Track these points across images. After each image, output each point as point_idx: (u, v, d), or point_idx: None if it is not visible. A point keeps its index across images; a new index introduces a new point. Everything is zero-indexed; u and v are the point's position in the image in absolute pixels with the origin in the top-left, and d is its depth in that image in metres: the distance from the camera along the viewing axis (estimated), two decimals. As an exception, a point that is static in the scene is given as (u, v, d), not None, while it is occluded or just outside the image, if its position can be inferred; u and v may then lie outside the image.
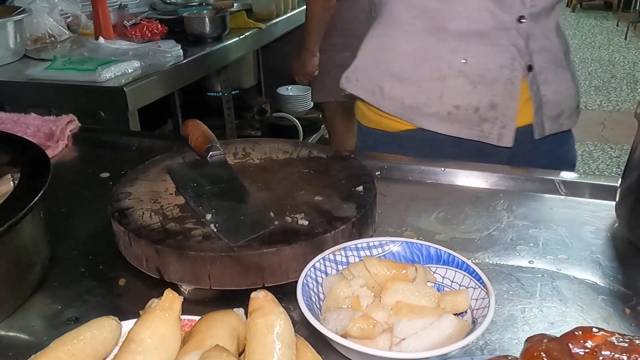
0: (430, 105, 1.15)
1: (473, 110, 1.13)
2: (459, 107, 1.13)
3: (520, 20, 1.10)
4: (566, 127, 1.25)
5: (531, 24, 1.12)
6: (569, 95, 1.23)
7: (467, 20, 1.09)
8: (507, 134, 1.14)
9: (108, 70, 1.84)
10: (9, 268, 0.72)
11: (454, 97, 1.13)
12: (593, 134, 4.49)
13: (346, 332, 0.62)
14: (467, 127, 1.15)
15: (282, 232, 0.79)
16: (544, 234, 0.91)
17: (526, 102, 1.18)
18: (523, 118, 1.18)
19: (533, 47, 1.13)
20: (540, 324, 0.73)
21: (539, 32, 1.14)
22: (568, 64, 1.25)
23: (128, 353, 0.49)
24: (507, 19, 1.09)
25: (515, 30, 1.10)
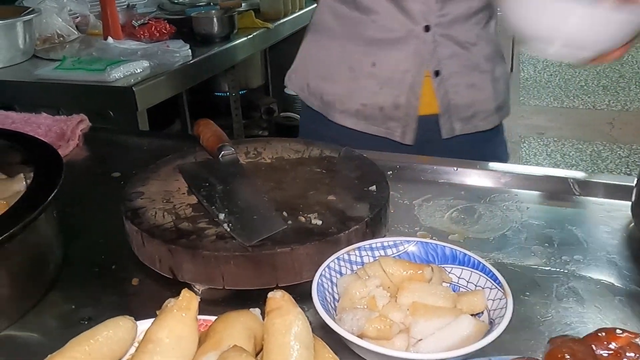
0: (343, 102, 1.26)
1: (378, 108, 1.24)
2: (367, 105, 1.25)
3: (426, 29, 1.18)
4: (482, 128, 1.30)
5: (440, 32, 1.19)
6: (485, 99, 1.27)
7: (379, 28, 1.20)
8: (409, 133, 1.24)
9: (117, 70, 1.84)
10: (23, 267, 0.72)
11: (362, 96, 1.24)
12: (602, 134, 4.46)
13: (362, 332, 0.62)
14: (374, 124, 1.26)
15: (296, 231, 0.79)
16: (558, 234, 0.91)
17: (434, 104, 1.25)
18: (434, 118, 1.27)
19: (442, 54, 1.21)
20: (557, 325, 0.72)
21: (451, 39, 1.20)
22: (493, 67, 1.28)
23: (146, 353, 0.49)
24: (415, 28, 1.18)
25: (421, 39, 1.19)
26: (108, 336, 0.54)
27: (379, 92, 1.23)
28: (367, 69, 1.22)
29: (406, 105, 1.23)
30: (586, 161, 4.04)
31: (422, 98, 1.23)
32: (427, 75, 1.22)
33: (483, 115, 1.28)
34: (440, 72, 1.22)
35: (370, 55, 1.21)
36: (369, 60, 1.22)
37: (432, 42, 1.19)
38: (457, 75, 1.23)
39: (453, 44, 1.21)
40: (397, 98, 1.22)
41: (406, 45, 1.19)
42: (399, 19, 1.18)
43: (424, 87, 1.23)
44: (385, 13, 1.18)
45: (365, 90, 1.24)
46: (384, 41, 1.20)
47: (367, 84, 1.23)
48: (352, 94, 1.25)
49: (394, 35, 1.19)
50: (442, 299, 0.66)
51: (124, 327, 0.56)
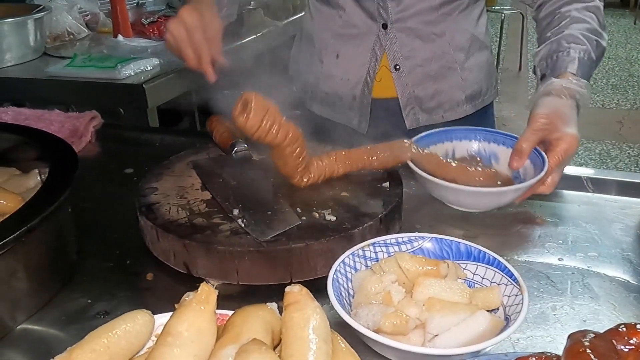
0: (313, 89, 1.34)
1: (339, 98, 1.30)
2: (329, 94, 1.31)
3: (384, 27, 1.21)
4: (450, 118, 1.30)
5: (400, 27, 1.21)
6: (450, 89, 1.27)
7: (344, 24, 1.25)
8: (363, 122, 1.29)
9: (127, 68, 1.84)
10: (39, 262, 0.73)
11: (326, 85, 1.31)
12: (611, 133, 4.44)
13: (378, 327, 0.62)
14: (336, 112, 1.32)
15: (310, 227, 0.79)
16: (572, 231, 0.90)
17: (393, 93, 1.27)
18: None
19: (402, 48, 1.23)
20: (572, 321, 0.72)
21: (412, 33, 1.22)
22: (465, 56, 1.27)
23: (165, 346, 0.49)
24: (373, 25, 1.22)
25: (379, 35, 1.22)
26: (126, 330, 0.54)
27: (339, 83, 1.29)
28: (333, 60, 1.29)
29: (361, 97, 1.27)
30: (595, 160, 4.02)
31: (380, 84, 1.26)
32: (387, 67, 1.25)
33: (449, 105, 1.29)
34: (399, 67, 1.24)
35: (336, 47, 1.28)
36: (334, 52, 1.28)
37: (391, 38, 1.21)
38: (418, 68, 1.24)
39: (414, 37, 1.22)
40: (353, 90, 1.27)
41: (365, 41, 1.23)
42: (360, 16, 1.23)
43: (385, 78, 1.26)
44: (350, 10, 1.23)
45: (329, 80, 1.30)
46: (347, 36, 1.25)
47: (331, 74, 1.29)
48: (319, 83, 1.31)
49: (356, 31, 1.24)
50: (458, 295, 0.66)
51: (141, 321, 0.56)
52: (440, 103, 1.28)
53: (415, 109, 1.27)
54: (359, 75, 1.26)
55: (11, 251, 0.65)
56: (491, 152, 1.03)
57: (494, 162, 1.02)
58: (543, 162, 0.91)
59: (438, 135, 1.04)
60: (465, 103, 1.30)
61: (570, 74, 1.00)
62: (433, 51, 1.24)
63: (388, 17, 1.20)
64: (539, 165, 0.92)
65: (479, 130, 1.05)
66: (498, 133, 1.04)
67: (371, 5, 1.20)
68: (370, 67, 1.25)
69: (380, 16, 1.20)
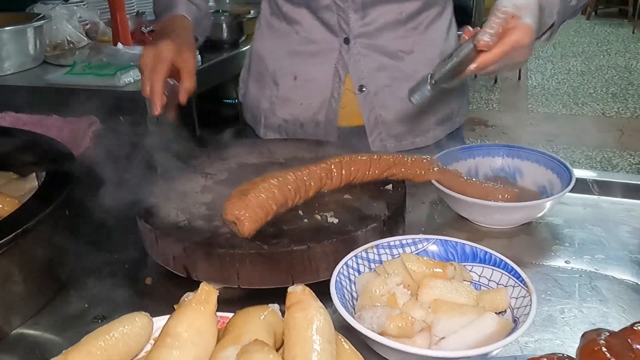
0: (267, 117, 1.22)
1: (299, 125, 1.18)
2: (288, 122, 1.19)
3: (346, 41, 1.11)
4: (421, 144, 1.19)
5: (364, 43, 1.11)
6: (421, 113, 1.16)
7: (301, 40, 1.14)
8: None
9: (127, 75, 1.84)
10: (35, 265, 0.71)
11: (283, 112, 1.19)
12: (611, 141, 4.42)
13: (383, 330, 0.60)
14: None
15: (312, 230, 0.77)
16: (579, 233, 0.89)
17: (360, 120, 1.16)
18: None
19: (367, 67, 1.12)
20: (580, 324, 0.70)
21: (377, 50, 1.11)
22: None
23: (164, 347, 0.47)
24: (334, 40, 1.11)
25: (341, 52, 1.11)
26: (124, 332, 0.53)
27: (299, 108, 1.17)
28: (290, 82, 1.17)
29: (325, 123, 1.16)
30: (596, 168, 4.00)
31: (345, 111, 1.15)
32: (351, 90, 1.14)
33: (419, 130, 1.18)
34: (364, 87, 1.13)
35: (293, 68, 1.16)
36: (291, 74, 1.15)
37: (355, 54, 1.11)
38: (386, 89, 1.13)
39: (380, 55, 1.11)
40: (316, 115, 1.16)
41: (326, 58, 1.12)
42: (319, 30, 1.11)
43: (351, 105, 1.14)
44: (307, 24, 1.12)
45: (287, 105, 1.18)
46: (305, 53, 1.14)
47: (289, 98, 1.17)
48: (275, 108, 1.19)
49: (315, 48, 1.13)
50: (464, 297, 0.64)
51: (140, 323, 0.54)
52: (410, 128, 1.17)
53: (382, 134, 1.16)
54: (321, 98, 1.14)
55: (6, 253, 0.64)
56: (515, 168, 1.00)
57: (519, 178, 1.00)
58: (570, 176, 0.89)
59: (460, 152, 1.01)
60: (436, 127, 1.20)
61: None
62: (401, 69, 1.12)
63: (350, 30, 1.09)
64: (565, 178, 0.91)
65: (502, 146, 1.02)
66: (522, 148, 1.01)
67: (331, 18, 1.09)
68: (334, 89, 1.13)
69: (341, 30, 1.10)
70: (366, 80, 1.12)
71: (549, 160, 0.96)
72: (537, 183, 0.97)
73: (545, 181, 0.94)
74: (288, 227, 0.78)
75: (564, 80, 5.93)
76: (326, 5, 1.08)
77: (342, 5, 1.08)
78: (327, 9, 1.09)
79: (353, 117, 1.15)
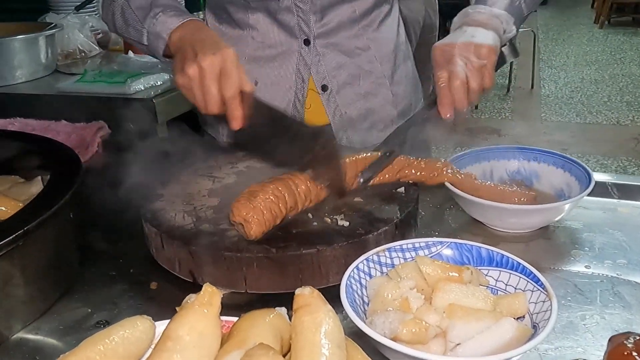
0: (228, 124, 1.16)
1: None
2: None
3: (306, 42, 1.11)
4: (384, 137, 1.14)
5: (323, 43, 1.11)
6: (382, 106, 1.18)
7: (259, 45, 1.13)
8: None
9: (138, 83, 1.83)
10: (37, 268, 0.69)
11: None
12: (627, 150, 4.36)
13: (396, 335, 0.57)
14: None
15: (322, 233, 0.75)
16: (599, 237, 0.86)
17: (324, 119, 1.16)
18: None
19: (327, 66, 1.12)
20: (603, 331, 0.67)
21: (336, 49, 1.12)
22: (392, 68, 1.19)
23: (164, 351, 0.45)
24: (294, 42, 1.11)
25: (301, 53, 1.11)
26: (124, 336, 0.51)
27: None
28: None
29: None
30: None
31: (309, 111, 1.15)
32: (314, 90, 1.14)
33: (383, 124, 1.19)
34: (327, 87, 1.13)
35: (252, 74, 1.13)
36: (251, 79, 1.06)
37: (315, 55, 1.11)
38: (347, 86, 1.15)
39: (339, 53, 1.13)
40: None
41: (287, 61, 1.12)
42: (277, 33, 1.11)
43: (314, 103, 1.15)
44: (264, 28, 1.11)
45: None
46: (265, 58, 1.13)
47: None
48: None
49: (275, 52, 1.12)
50: (481, 301, 0.61)
51: (141, 327, 0.52)
52: (373, 122, 1.18)
53: (349, 131, 1.17)
54: (285, 100, 1.14)
55: (7, 256, 0.62)
56: (532, 171, 0.97)
57: (535, 181, 0.96)
58: (589, 179, 0.86)
59: (475, 155, 0.98)
60: (397, 119, 1.20)
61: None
62: (360, 67, 1.15)
63: (310, 31, 1.10)
64: (584, 181, 0.88)
65: (518, 149, 0.99)
66: (538, 151, 0.98)
67: (291, 20, 1.09)
68: (298, 90, 1.13)
69: (301, 31, 1.10)
70: (328, 80, 1.14)
71: (567, 162, 0.93)
72: (554, 186, 0.94)
73: (563, 184, 0.91)
74: (297, 230, 0.76)
75: (577, 88, 5.88)
76: (286, 7, 1.08)
77: (303, 7, 1.08)
78: (287, 11, 1.09)
79: (318, 116, 1.16)
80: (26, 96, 1.93)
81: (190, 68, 0.84)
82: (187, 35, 0.92)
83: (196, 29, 0.94)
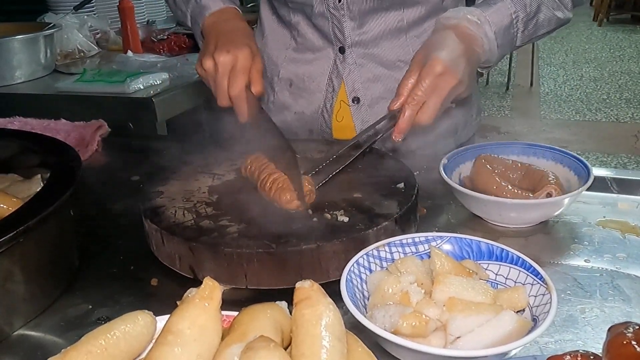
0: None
1: (293, 134, 1.14)
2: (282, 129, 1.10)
3: (341, 50, 1.07)
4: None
5: (361, 52, 1.06)
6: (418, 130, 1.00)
7: (298, 47, 1.11)
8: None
9: (137, 82, 1.83)
10: (38, 265, 0.69)
11: (277, 117, 1.14)
12: (626, 147, 4.36)
13: (396, 329, 0.57)
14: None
15: (322, 228, 0.75)
16: (598, 232, 0.86)
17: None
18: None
19: (362, 77, 1.07)
20: (603, 324, 0.67)
21: (374, 60, 1.07)
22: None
23: (165, 345, 0.45)
24: (329, 49, 1.08)
25: (336, 61, 1.08)
26: (125, 331, 0.51)
27: (292, 117, 1.14)
28: (285, 88, 1.14)
29: (319, 133, 1.12)
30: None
31: (341, 124, 1.11)
32: (346, 102, 1.09)
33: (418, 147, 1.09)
34: (359, 99, 1.08)
35: (289, 74, 1.13)
36: (287, 80, 1.12)
37: (350, 64, 1.07)
38: (381, 101, 1.08)
39: (377, 65, 1.07)
40: (308, 124, 1.13)
41: (320, 67, 1.09)
42: (315, 37, 1.08)
43: (348, 119, 1.10)
44: (304, 30, 1.08)
45: (282, 112, 1.15)
46: (301, 61, 1.11)
47: (284, 105, 1.14)
48: (270, 115, 1.12)
49: (312, 56, 1.10)
50: (481, 295, 0.62)
51: (142, 322, 0.52)
52: (407, 144, 1.08)
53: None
54: (313, 108, 1.11)
55: (7, 252, 0.62)
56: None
57: None
58: (588, 174, 0.87)
59: (474, 151, 0.97)
60: (437, 142, 1.12)
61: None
62: (398, 80, 0.99)
63: (345, 39, 1.05)
64: (583, 176, 0.88)
65: (517, 144, 0.99)
66: (537, 146, 0.97)
67: (325, 26, 1.05)
68: (327, 100, 1.10)
69: (336, 39, 1.06)
70: (361, 92, 1.09)
71: (565, 157, 0.93)
72: (553, 181, 0.94)
73: (562, 179, 0.91)
74: (297, 226, 0.76)
75: (576, 86, 5.88)
76: (320, 13, 1.04)
77: (337, 14, 1.03)
78: (322, 17, 1.05)
79: (351, 130, 1.11)
80: (25, 96, 1.93)
81: (208, 61, 0.89)
82: (217, 24, 0.95)
83: (228, 18, 0.96)
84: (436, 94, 0.81)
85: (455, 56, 0.82)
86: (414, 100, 0.81)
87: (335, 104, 1.09)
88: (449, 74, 0.81)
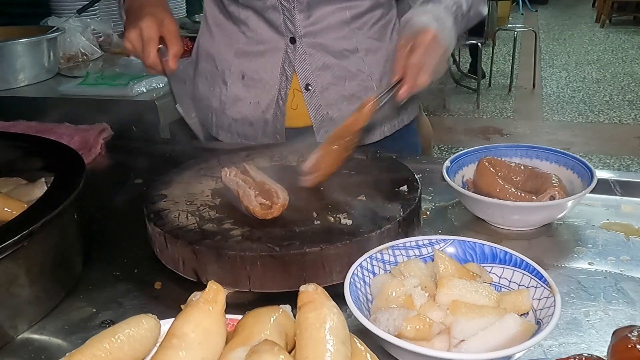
0: (218, 115, 1.22)
1: (249, 124, 1.19)
2: (237, 121, 1.20)
3: (292, 41, 1.12)
4: (367, 141, 1.19)
5: (310, 42, 1.12)
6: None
7: (248, 41, 1.15)
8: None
9: (140, 85, 1.84)
10: (42, 268, 0.70)
11: (233, 111, 1.19)
12: (629, 148, 4.36)
13: (400, 332, 0.57)
14: (248, 140, 1.20)
15: (325, 231, 0.75)
16: (602, 234, 0.86)
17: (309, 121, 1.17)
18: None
19: (312, 65, 1.13)
20: (607, 327, 0.67)
21: (323, 49, 1.13)
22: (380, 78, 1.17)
23: (170, 349, 0.45)
24: (280, 40, 1.12)
25: (287, 51, 1.13)
26: (130, 334, 0.51)
27: (248, 107, 1.18)
28: (238, 81, 1.17)
29: (274, 121, 1.16)
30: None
31: (296, 112, 1.16)
32: (299, 90, 1.14)
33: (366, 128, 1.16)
34: (310, 86, 1.14)
35: (241, 67, 1.16)
36: (239, 73, 1.17)
37: (301, 54, 1.12)
38: (332, 87, 1.15)
39: (326, 54, 1.13)
40: (265, 114, 1.17)
41: (273, 58, 1.14)
42: (265, 30, 1.13)
43: (301, 104, 1.15)
44: (253, 24, 1.13)
45: (236, 105, 1.19)
46: (252, 54, 1.15)
47: (238, 97, 1.18)
48: (224, 108, 1.20)
49: (263, 48, 1.14)
50: (485, 298, 0.61)
51: (146, 326, 0.52)
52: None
53: (329, 132, 1.10)
54: (269, 97, 1.15)
55: (12, 256, 0.62)
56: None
57: None
58: (591, 176, 0.86)
59: (477, 153, 0.97)
60: (382, 124, 1.20)
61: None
62: (347, 68, 1.14)
63: (296, 30, 1.11)
64: (586, 178, 0.88)
65: (520, 146, 0.99)
66: (540, 148, 0.97)
67: (277, 18, 1.11)
68: (281, 88, 1.15)
69: (287, 30, 1.11)
70: (312, 79, 1.14)
71: (569, 160, 0.93)
72: (556, 184, 0.94)
73: (565, 181, 0.91)
74: (300, 229, 0.76)
75: (579, 88, 5.87)
76: (272, 6, 1.10)
77: (287, 6, 1.09)
78: (273, 10, 1.10)
79: (304, 118, 1.17)
80: (29, 99, 1.94)
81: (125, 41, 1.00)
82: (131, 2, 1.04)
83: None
84: (429, 60, 0.89)
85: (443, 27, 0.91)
86: (415, 67, 0.88)
87: (289, 92, 1.15)
88: (437, 42, 0.89)
